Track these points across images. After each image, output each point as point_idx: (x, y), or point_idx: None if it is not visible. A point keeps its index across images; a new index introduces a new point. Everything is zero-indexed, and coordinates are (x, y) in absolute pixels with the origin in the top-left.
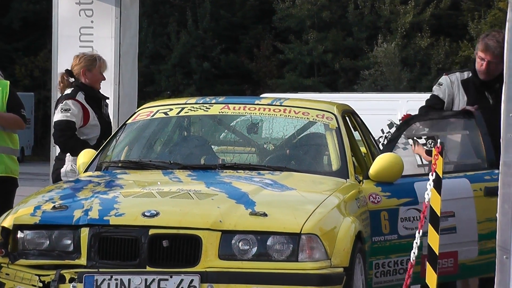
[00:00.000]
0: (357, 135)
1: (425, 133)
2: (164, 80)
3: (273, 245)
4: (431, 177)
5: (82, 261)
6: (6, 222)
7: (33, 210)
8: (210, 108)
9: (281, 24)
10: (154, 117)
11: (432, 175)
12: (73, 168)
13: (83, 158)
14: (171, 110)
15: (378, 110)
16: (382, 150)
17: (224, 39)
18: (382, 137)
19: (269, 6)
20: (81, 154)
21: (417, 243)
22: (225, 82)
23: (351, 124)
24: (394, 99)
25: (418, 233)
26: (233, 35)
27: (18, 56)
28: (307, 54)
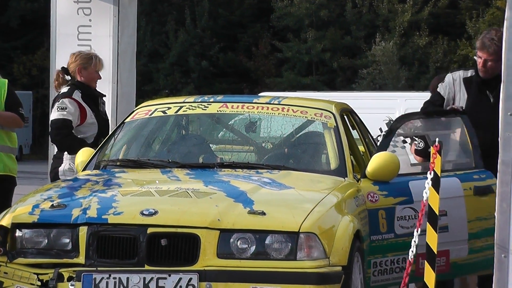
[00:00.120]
0: (355, 134)
1: (415, 132)
2: (162, 78)
3: (271, 243)
4: (429, 175)
5: (81, 259)
6: (5, 220)
7: (31, 209)
8: (208, 106)
9: (279, 22)
10: (152, 115)
11: (430, 174)
12: (71, 166)
13: (81, 156)
14: (169, 108)
15: (376, 108)
16: (377, 149)
17: (222, 38)
18: (380, 135)
19: (267, 4)
20: (79, 153)
21: (415, 242)
22: (223, 80)
23: (350, 122)
24: (392, 98)
25: (417, 231)
26: (231, 34)
27: (16, 54)
28: (305, 53)
